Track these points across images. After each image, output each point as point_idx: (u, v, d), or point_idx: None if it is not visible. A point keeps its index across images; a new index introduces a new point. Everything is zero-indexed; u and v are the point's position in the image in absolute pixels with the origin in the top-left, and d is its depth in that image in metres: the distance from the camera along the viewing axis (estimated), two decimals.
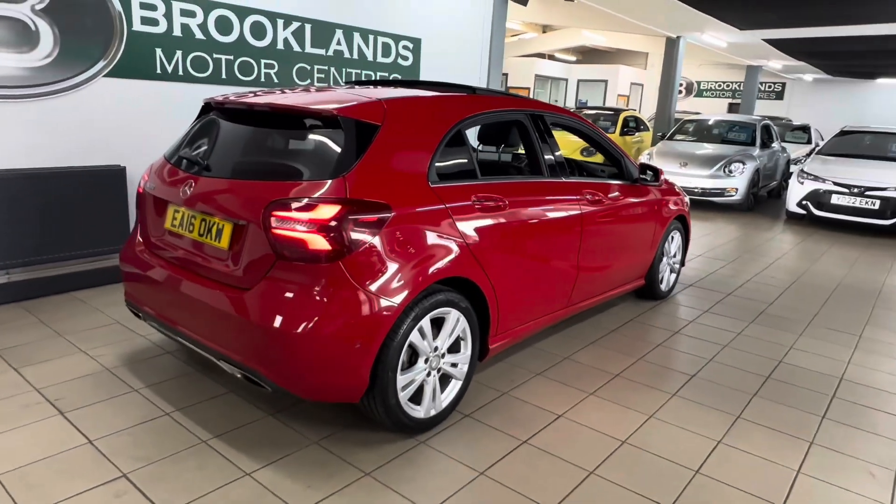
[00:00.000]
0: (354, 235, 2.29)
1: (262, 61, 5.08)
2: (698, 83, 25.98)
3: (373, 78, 6.01)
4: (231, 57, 4.86)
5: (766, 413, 3.08)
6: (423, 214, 2.53)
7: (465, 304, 2.72)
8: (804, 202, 8.91)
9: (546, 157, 3.37)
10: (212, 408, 2.80)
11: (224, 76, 4.85)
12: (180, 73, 4.58)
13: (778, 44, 13.35)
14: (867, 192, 8.36)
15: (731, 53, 15.76)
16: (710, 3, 9.31)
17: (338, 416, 2.77)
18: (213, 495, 2.20)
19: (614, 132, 12.62)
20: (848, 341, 4.20)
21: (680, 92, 21.61)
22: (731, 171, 9.44)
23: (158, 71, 4.47)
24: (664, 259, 4.75)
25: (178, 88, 4.60)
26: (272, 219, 2.30)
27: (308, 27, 5.32)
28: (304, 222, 2.25)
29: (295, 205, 2.28)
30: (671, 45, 13.15)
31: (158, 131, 4.55)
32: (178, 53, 4.55)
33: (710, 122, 11.34)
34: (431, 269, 2.51)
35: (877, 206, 8.31)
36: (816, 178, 8.82)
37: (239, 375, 2.48)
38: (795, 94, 23.94)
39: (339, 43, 5.62)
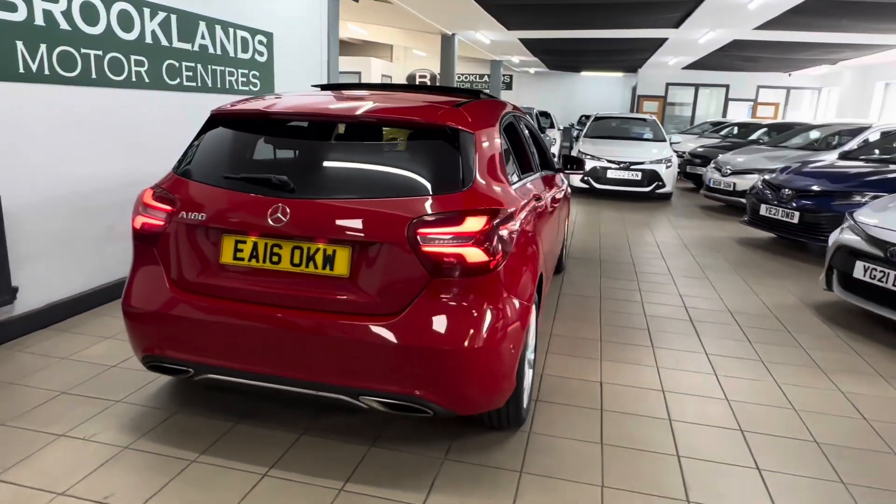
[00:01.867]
0: (500, 243, 2.31)
1: (133, 57, 4.27)
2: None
3: (235, 75, 5.47)
4: (100, 52, 4.00)
5: (724, 347, 3.89)
6: (521, 215, 2.64)
7: (536, 297, 2.89)
8: (586, 178, 10.65)
9: (532, 153, 3.66)
10: (302, 456, 2.50)
11: (94, 75, 3.97)
12: (46, 72, 3.64)
13: (527, 42, 15.43)
14: (632, 167, 10.39)
15: (487, 50, 17.60)
16: (497, 7, 10.45)
17: (421, 430, 2.71)
18: None
19: None
20: (707, 285, 5.39)
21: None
22: None
23: (21, 70, 3.49)
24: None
25: (47, 92, 3.65)
26: (419, 237, 2.18)
27: (174, 18, 4.62)
28: (458, 236, 2.20)
29: (443, 220, 2.20)
30: (447, 42, 14.21)
31: (33, 146, 3.60)
32: (43, 48, 3.60)
33: None
34: (538, 267, 2.65)
35: (639, 177, 10.39)
36: (593, 157, 10.61)
37: (380, 407, 2.29)
38: (522, 84, 27.69)
39: (203, 37, 4.99)
